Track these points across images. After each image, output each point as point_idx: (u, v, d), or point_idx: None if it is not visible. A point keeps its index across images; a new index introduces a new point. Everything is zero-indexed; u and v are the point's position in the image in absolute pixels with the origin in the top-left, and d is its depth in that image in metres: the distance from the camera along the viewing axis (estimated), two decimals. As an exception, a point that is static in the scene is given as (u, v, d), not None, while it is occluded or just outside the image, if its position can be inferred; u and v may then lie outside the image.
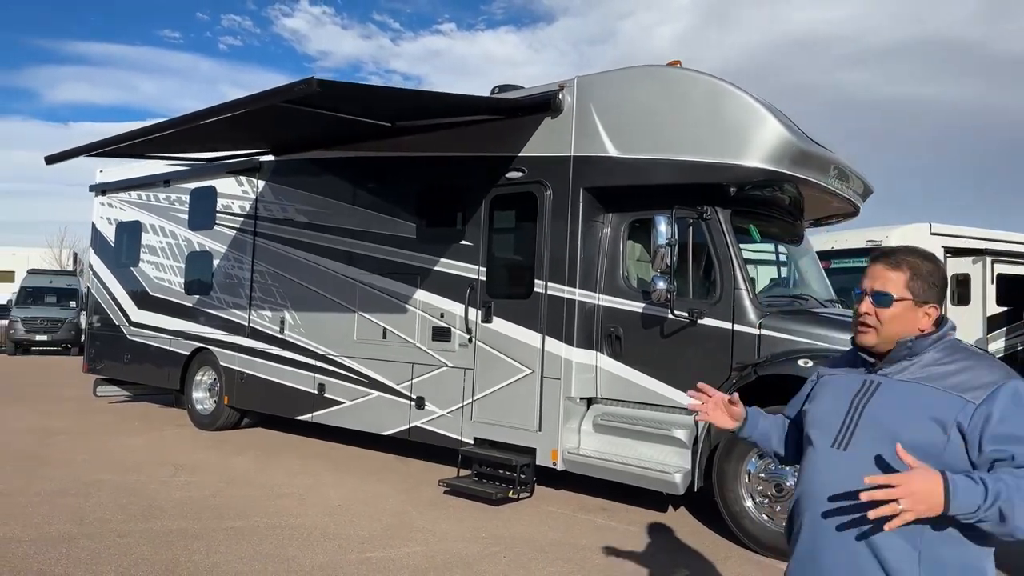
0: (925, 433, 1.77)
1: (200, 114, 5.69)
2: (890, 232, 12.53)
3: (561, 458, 5.95)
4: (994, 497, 1.60)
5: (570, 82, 6.15)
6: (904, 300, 1.88)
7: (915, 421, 1.79)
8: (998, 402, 1.73)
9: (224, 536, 5.01)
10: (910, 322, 1.89)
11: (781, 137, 5.36)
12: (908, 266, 1.89)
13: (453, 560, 4.71)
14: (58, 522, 5.19)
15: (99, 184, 11.08)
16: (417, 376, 6.96)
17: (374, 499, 6.14)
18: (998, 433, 1.71)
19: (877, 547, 1.76)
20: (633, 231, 6.12)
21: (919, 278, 1.89)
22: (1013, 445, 1.69)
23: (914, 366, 1.87)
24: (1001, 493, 1.60)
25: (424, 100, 6.58)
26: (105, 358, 10.76)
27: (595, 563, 4.73)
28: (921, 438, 1.76)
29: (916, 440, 1.75)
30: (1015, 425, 1.71)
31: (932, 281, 1.89)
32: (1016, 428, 1.71)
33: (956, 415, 1.75)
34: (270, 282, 8.43)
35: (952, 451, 1.74)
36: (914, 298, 1.88)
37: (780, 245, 6.58)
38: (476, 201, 6.67)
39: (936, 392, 1.80)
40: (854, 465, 1.81)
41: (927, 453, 1.72)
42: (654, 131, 5.70)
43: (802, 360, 5.00)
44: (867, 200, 7.14)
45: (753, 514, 5.09)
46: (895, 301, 1.88)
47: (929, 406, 1.79)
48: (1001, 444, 1.70)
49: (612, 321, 6.00)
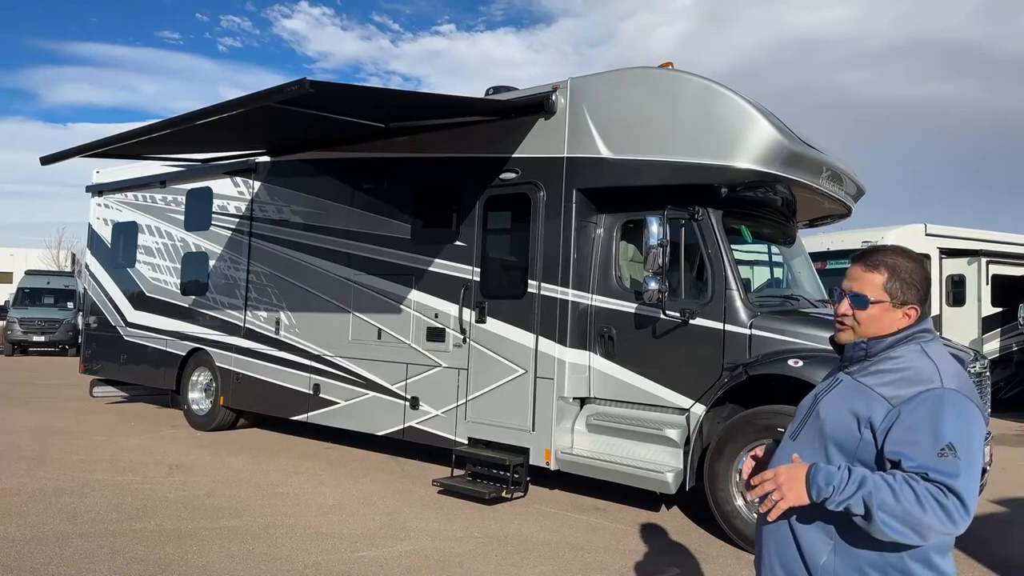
0: (844, 428, 1.83)
1: (195, 115, 5.72)
2: (886, 233, 12.58)
3: (554, 458, 5.98)
4: (857, 485, 1.66)
5: (563, 84, 6.18)
6: (881, 302, 1.88)
7: (840, 416, 1.85)
8: (913, 407, 1.74)
9: (218, 535, 5.03)
10: (888, 323, 1.89)
11: (772, 138, 5.39)
12: (886, 268, 1.89)
13: (446, 559, 4.73)
14: (52, 521, 5.21)
15: (95, 185, 11.10)
16: (412, 376, 6.98)
17: (368, 499, 6.17)
18: (897, 436, 1.74)
19: (798, 534, 1.86)
20: (626, 232, 6.15)
21: (897, 279, 1.88)
22: (906, 448, 1.72)
23: (871, 365, 1.89)
24: (866, 483, 1.66)
25: (417, 101, 6.62)
26: (102, 359, 10.77)
27: (588, 562, 4.76)
28: (840, 432, 1.83)
29: (835, 434, 1.84)
30: (916, 431, 1.72)
31: (912, 282, 1.89)
32: (915, 434, 1.72)
33: (871, 414, 1.79)
34: (266, 283, 8.46)
35: (864, 449, 1.79)
36: (892, 300, 1.88)
37: (772, 246, 6.62)
38: (470, 202, 6.70)
39: (867, 391, 1.83)
40: (789, 454, 1.91)
41: (843, 447, 1.81)
42: (646, 132, 5.74)
43: (792, 360, 5.03)
44: (859, 201, 7.17)
45: (744, 513, 5.11)
46: (871, 303, 1.89)
47: (856, 403, 1.83)
48: (896, 446, 1.73)
49: (605, 321, 6.03)
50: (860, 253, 1.97)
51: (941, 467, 1.66)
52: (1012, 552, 5.21)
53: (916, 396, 1.75)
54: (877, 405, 1.78)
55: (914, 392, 1.76)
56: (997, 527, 5.75)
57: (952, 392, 1.75)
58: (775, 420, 5.01)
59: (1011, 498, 6.56)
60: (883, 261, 1.90)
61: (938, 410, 1.72)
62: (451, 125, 6.70)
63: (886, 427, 1.75)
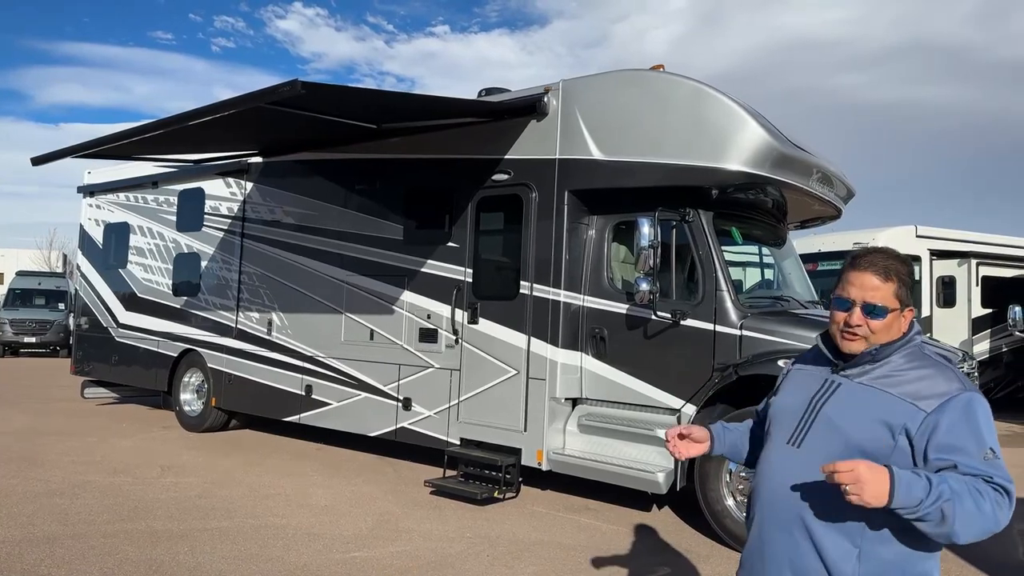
0: (874, 436, 1.79)
1: (187, 115, 5.71)
2: (877, 234, 12.63)
3: (546, 458, 6.00)
4: (936, 496, 1.62)
5: (555, 85, 6.20)
6: (895, 311, 1.88)
7: (865, 423, 1.81)
8: (947, 412, 1.75)
9: (209, 536, 5.03)
10: (896, 329, 1.90)
11: (762, 141, 5.43)
12: (895, 275, 1.88)
13: (437, 559, 4.74)
14: (43, 522, 5.20)
15: (87, 186, 11.06)
16: (404, 377, 6.99)
17: (360, 499, 6.17)
18: (943, 443, 1.73)
19: (819, 543, 1.81)
20: (617, 233, 6.18)
21: (904, 286, 1.90)
22: (956, 455, 1.72)
23: (876, 369, 1.87)
24: (944, 493, 1.63)
25: (410, 103, 6.63)
26: (93, 360, 10.73)
27: (579, 562, 4.77)
28: (869, 441, 1.79)
29: (864, 442, 1.79)
30: (960, 436, 1.73)
31: (910, 285, 1.92)
32: (960, 439, 1.73)
33: (905, 421, 1.77)
34: (258, 284, 8.45)
35: (899, 456, 1.76)
36: (900, 306, 1.89)
37: (762, 247, 6.66)
38: (462, 203, 6.71)
39: (890, 397, 1.81)
40: (805, 462, 1.85)
41: (874, 456, 1.75)
42: (637, 134, 5.76)
43: (782, 361, 5.05)
44: (849, 203, 7.22)
45: (734, 513, 5.14)
46: (889, 312, 1.87)
47: (881, 410, 1.81)
48: (945, 453, 1.73)
49: (597, 322, 6.05)
50: (864, 261, 1.90)
51: (994, 471, 1.71)
52: (1003, 552, 5.25)
53: (948, 402, 1.76)
54: (909, 411, 1.77)
55: (943, 398, 1.77)
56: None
57: (976, 395, 1.79)
58: (765, 420, 5.04)
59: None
60: (892, 268, 1.89)
61: (972, 415, 1.76)
62: (443, 126, 6.71)
63: (924, 434, 1.75)
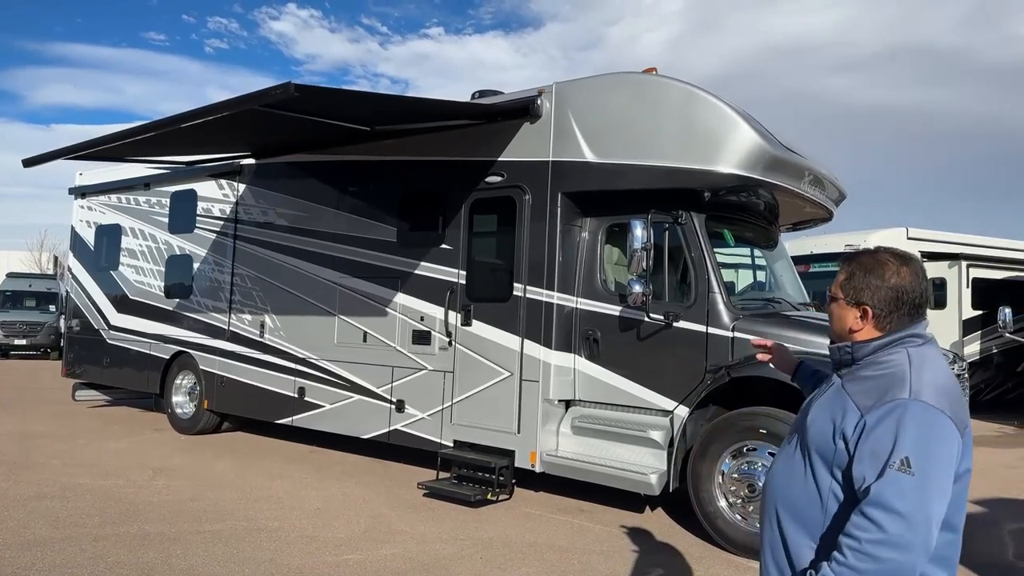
0: (823, 436, 1.82)
1: (179, 118, 5.70)
2: (868, 236, 12.71)
3: (540, 460, 6.00)
4: None
5: (548, 88, 6.22)
6: (838, 300, 1.94)
7: (821, 423, 1.84)
8: (876, 416, 1.71)
9: (201, 539, 5.01)
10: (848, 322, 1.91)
11: (754, 143, 5.45)
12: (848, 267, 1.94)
13: (431, 561, 4.74)
14: (34, 526, 5.17)
15: (79, 187, 11.01)
16: (397, 379, 6.98)
17: (353, 502, 6.16)
18: (862, 451, 1.70)
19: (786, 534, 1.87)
20: (610, 235, 6.19)
21: (855, 278, 1.91)
22: (865, 462, 1.68)
23: (858, 370, 1.87)
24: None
25: (403, 105, 6.64)
26: (84, 362, 10.68)
27: (573, 564, 4.78)
28: (820, 441, 1.83)
29: (815, 442, 1.84)
30: (881, 441, 1.68)
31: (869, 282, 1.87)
32: (880, 444, 1.67)
33: (845, 424, 1.76)
34: (250, 286, 8.43)
35: (839, 458, 1.77)
36: (845, 297, 1.91)
37: (754, 249, 6.69)
38: (456, 205, 6.72)
39: (845, 399, 1.81)
40: (785, 459, 1.95)
41: (823, 456, 1.81)
42: (630, 137, 5.78)
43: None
44: (841, 205, 7.26)
45: (727, 514, 5.16)
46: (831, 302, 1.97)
47: (835, 411, 1.81)
48: (860, 463, 1.69)
49: (590, 324, 6.06)
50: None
51: (882, 484, 1.62)
52: (993, 552, 5.28)
53: (882, 407, 1.71)
54: (851, 415, 1.76)
55: (882, 402, 1.72)
56: (978, 528, 5.83)
57: (918, 404, 1.69)
58: (757, 422, 5.07)
59: (991, 499, 6.65)
60: (856, 259, 1.93)
61: (902, 422, 1.67)
62: (437, 128, 6.72)
63: (855, 438, 1.73)
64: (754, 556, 4.93)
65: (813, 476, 1.82)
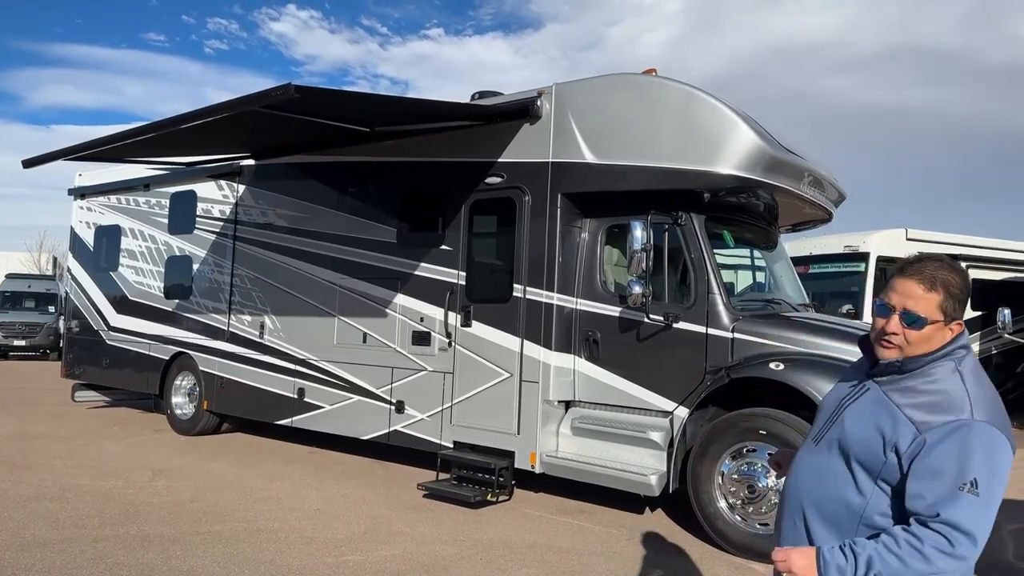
0: (868, 446, 1.81)
1: (179, 119, 5.70)
2: (867, 237, 12.70)
3: (539, 461, 6.01)
4: (865, 568, 1.68)
5: (548, 89, 6.22)
6: (936, 322, 1.81)
7: (865, 432, 1.82)
8: (938, 435, 1.71)
9: (201, 540, 5.01)
10: (936, 341, 1.83)
11: (753, 144, 5.46)
12: (943, 286, 1.81)
13: (430, 563, 4.74)
14: (33, 527, 5.17)
15: (78, 188, 11.01)
16: (397, 380, 6.98)
17: (353, 503, 6.16)
18: (921, 469, 1.71)
19: (812, 533, 1.89)
20: (610, 236, 6.20)
21: (952, 298, 1.81)
22: (927, 481, 1.69)
23: (904, 380, 1.84)
24: (874, 563, 1.67)
25: (403, 106, 6.65)
26: (84, 363, 10.68)
27: (573, 565, 4.78)
28: (864, 450, 1.81)
29: (859, 451, 1.82)
30: (944, 459, 1.69)
31: (962, 298, 1.83)
32: (943, 462, 1.69)
33: (898, 438, 1.75)
34: (250, 286, 8.43)
35: (889, 471, 1.77)
36: (945, 318, 1.81)
37: (754, 250, 6.69)
38: (456, 206, 6.72)
39: (895, 411, 1.79)
40: (816, 460, 1.93)
41: (868, 467, 1.80)
42: (629, 138, 5.79)
43: (774, 363, 5.10)
44: (840, 206, 7.26)
45: (727, 515, 5.16)
46: (928, 324, 1.81)
47: (883, 422, 1.79)
48: (918, 480, 1.71)
49: (589, 325, 6.06)
50: (910, 267, 1.86)
51: (955, 506, 1.65)
52: (992, 552, 5.29)
53: (944, 426, 1.71)
54: (904, 429, 1.74)
55: (943, 421, 1.72)
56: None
57: (982, 425, 1.70)
58: (757, 423, 5.08)
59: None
60: (939, 278, 1.81)
61: (967, 442, 1.68)
62: (437, 129, 6.72)
63: (911, 454, 1.72)
64: (754, 557, 4.94)
65: (855, 484, 1.82)
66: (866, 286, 11.52)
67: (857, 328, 5.73)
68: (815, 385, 4.86)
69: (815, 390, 4.84)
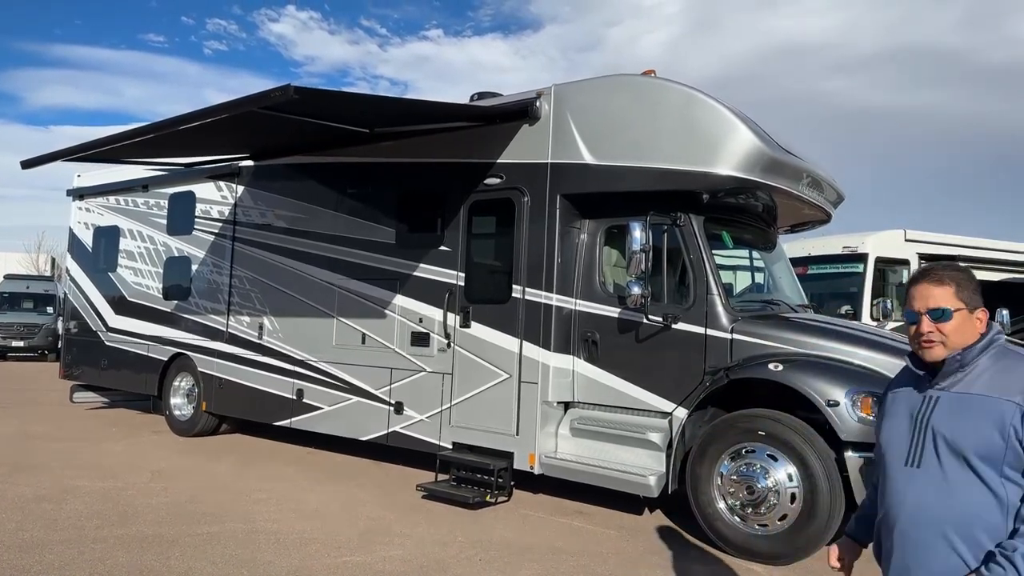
0: (984, 442, 1.85)
1: (179, 120, 5.70)
2: (866, 238, 12.70)
3: (538, 462, 6.00)
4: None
5: (547, 90, 6.22)
6: (959, 310, 1.96)
7: (973, 431, 1.87)
8: None
9: (199, 541, 5.01)
10: (971, 330, 1.97)
11: (752, 145, 5.46)
12: (951, 279, 1.99)
13: (429, 564, 4.74)
14: (32, 528, 5.16)
15: (77, 189, 11.01)
16: (396, 381, 6.98)
17: (351, 504, 6.16)
18: None
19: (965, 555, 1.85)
20: (609, 237, 6.20)
21: (962, 287, 1.98)
22: None
23: (967, 376, 1.94)
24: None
25: (402, 107, 6.65)
26: (82, 364, 10.67)
27: (572, 566, 4.78)
28: (981, 447, 1.86)
29: (977, 450, 1.86)
30: None
31: (973, 286, 2.00)
32: None
33: (1009, 420, 1.83)
34: (249, 287, 8.42)
35: (1012, 456, 1.83)
36: (966, 306, 1.97)
37: (753, 251, 6.70)
38: (455, 207, 6.72)
39: (989, 400, 1.88)
40: (929, 481, 1.92)
41: (989, 460, 1.84)
42: (629, 139, 5.79)
43: (772, 364, 5.10)
44: (839, 207, 7.27)
45: (726, 516, 5.15)
46: (954, 313, 1.96)
47: (984, 414, 1.87)
48: None
49: (588, 326, 6.06)
50: (919, 274, 2.05)
51: None
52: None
53: None
54: (1009, 409, 1.83)
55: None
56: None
57: None
58: (756, 423, 5.08)
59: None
60: (945, 275, 2.00)
61: None
62: (436, 130, 6.72)
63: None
64: (752, 558, 4.94)
65: (984, 483, 1.85)
66: (865, 287, 11.51)
67: (857, 329, 5.74)
68: (814, 386, 4.87)
69: (814, 391, 4.84)
